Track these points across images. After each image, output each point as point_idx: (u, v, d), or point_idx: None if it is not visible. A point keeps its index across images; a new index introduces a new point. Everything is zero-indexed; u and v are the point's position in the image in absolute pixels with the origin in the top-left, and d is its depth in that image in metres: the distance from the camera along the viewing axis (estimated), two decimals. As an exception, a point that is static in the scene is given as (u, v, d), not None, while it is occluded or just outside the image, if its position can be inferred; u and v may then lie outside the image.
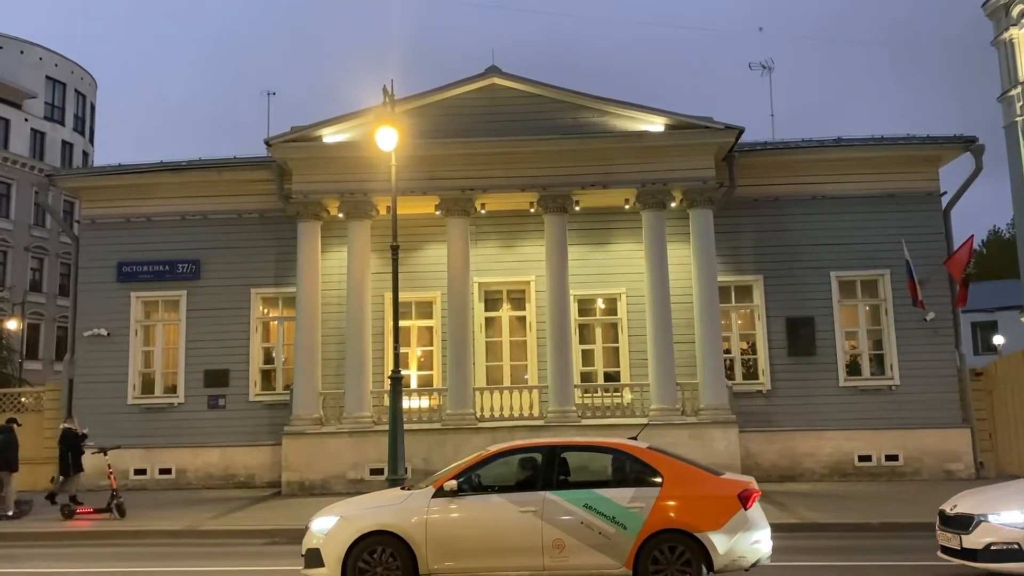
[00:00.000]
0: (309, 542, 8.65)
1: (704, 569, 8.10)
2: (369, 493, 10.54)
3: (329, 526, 8.62)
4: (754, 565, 8.39)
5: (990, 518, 8.62)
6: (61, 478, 16.41)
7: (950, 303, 19.14)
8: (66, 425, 16.89)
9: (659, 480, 8.42)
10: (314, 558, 8.54)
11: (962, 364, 19.11)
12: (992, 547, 8.49)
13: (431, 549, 8.33)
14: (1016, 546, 8.37)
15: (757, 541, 8.31)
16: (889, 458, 18.53)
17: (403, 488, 9.53)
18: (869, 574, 9.59)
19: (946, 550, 8.99)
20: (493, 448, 9.30)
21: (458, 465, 9.04)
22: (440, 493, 8.53)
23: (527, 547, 8.26)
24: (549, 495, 8.42)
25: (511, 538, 8.33)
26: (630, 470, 8.72)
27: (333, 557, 8.40)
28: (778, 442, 18.74)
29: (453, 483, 8.55)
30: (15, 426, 16.15)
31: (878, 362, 19.40)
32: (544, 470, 8.70)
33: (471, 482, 8.70)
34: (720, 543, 8.10)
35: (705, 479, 8.62)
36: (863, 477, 18.37)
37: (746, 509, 8.26)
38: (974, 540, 8.61)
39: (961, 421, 18.71)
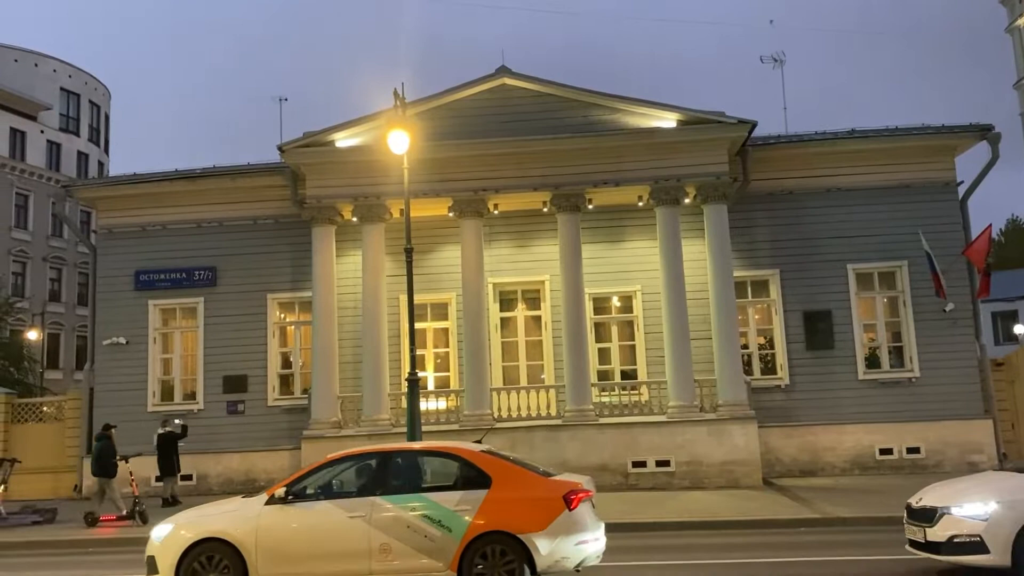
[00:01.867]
0: (148, 549, 8.83)
1: (527, 570, 8.20)
2: (216, 501, 10.69)
3: (164, 533, 8.82)
4: (580, 566, 8.51)
5: (953, 510, 8.58)
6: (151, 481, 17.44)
7: (969, 293, 18.98)
8: (165, 430, 17.24)
9: (487, 483, 8.54)
10: (151, 565, 8.73)
11: (983, 354, 18.94)
12: (955, 540, 8.44)
13: (261, 556, 8.46)
14: (978, 538, 8.31)
15: (583, 542, 8.40)
16: (911, 451, 18.40)
17: (244, 496, 9.64)
18: (904, 566, 9.51)
19: (913, 543, 8.97)
20: (330, 455, 9.46)
21: (294, 473, 9.26)
22: (272, 500, 8.69)
23: (354, 552, 8.37)
24: (377, 500, 8.57)
25: (338, 543, 8.45)
26: (461, 474, 8.84)
27: (167, 564, 8.57)
28: (798, 437, 18.64)
29: (282, 490, 8.72)
30: (112, 432, 16.38)
31: (897, 354, 19.24)
32: (376, 475, 8.91)
33: (303, 489, 8.85)
34: (543, 544, 8.20)
35: (533, 481, 8.71)
36: (885, 470, 18.24)
37: (571, 510, 8.35)
38: (937, 533, 8.58)
39: (983, 412, 18.53)
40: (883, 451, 18.42)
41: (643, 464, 17.56)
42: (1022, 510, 8.29)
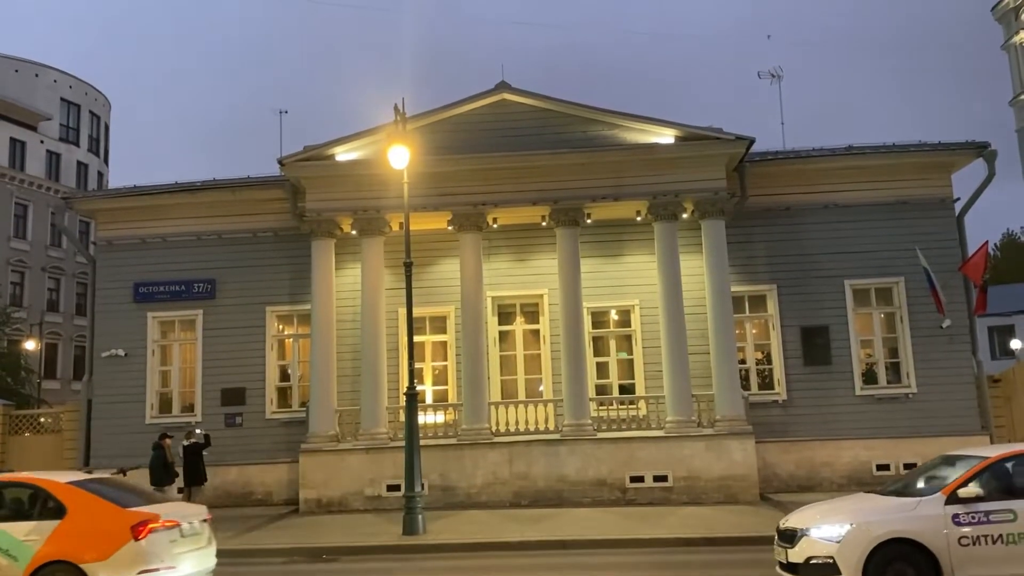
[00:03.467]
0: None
1: None
2: None
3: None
4: None
5: (811, 532, 8.79)
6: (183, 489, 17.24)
7: (966, 309, 19.04)
8: (190, 441, 17.31)
9: (63, 513, 8.95)
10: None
11: (980, 371, 18.98)
12: (811, 561, 8.65)
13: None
14: (831, 560, 8.52)
15: (150, 570, 8.76)
16: (908, 467, 18.34)
17: None
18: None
19: (781, 564, 9.14)
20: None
21: None
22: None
23: None
24: None
25: None
26: (40, 504, 9.19)
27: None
28: (795, 452, 18.66)
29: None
30: (167, 441, 16.37)
31: (894, 370, 19.29)
32: None
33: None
34: (102, 574, 8.60)
35: (107, 512, 9.07)
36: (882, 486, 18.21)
37: (136, 540, 8.73)
38: (797, 554, 8.77)
39: (980, 428, 18.56)
40: (880, 467, 18.43)
41: (641, 479, 17.57)
42: (873, 532, 8.55)
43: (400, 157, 15.15)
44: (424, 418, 17.81)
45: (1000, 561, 8.46)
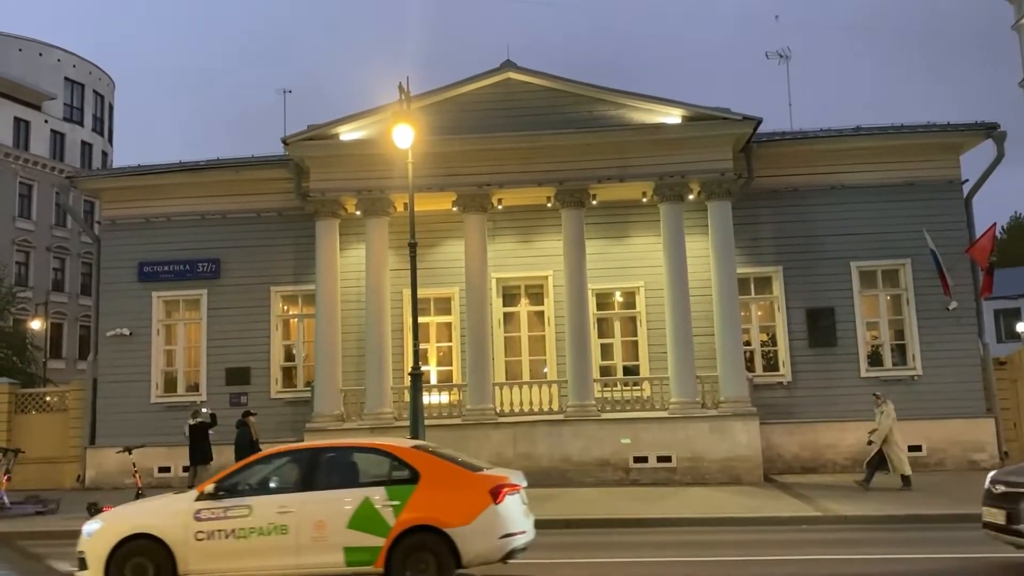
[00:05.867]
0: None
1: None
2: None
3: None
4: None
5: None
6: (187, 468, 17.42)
7: (972, 291, 18.97)
8: (196, 420, 17.37)
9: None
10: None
11: (985, 353, 18.93)
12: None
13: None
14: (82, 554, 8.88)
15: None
16: (912, 449, 18.29)
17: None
18: (903, 566, 9.52)
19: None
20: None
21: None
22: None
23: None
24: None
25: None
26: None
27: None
28: (800, 434, 18.66)
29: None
30: (251, 419, 16.47)
31: (900, 352, 19.25)
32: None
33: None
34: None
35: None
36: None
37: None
38: None
39: (985, 411, 18.54)
40: (885, 449, 18.38)
41: (645, 460, 17.59)
42: (117, 528, 8.89)
43: (404, 137, 15.06)
44: (429, 398, 17.83)
45: (230, 555, 8.60)
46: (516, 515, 8.66)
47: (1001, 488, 8.53)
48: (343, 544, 8.44)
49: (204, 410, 18.03)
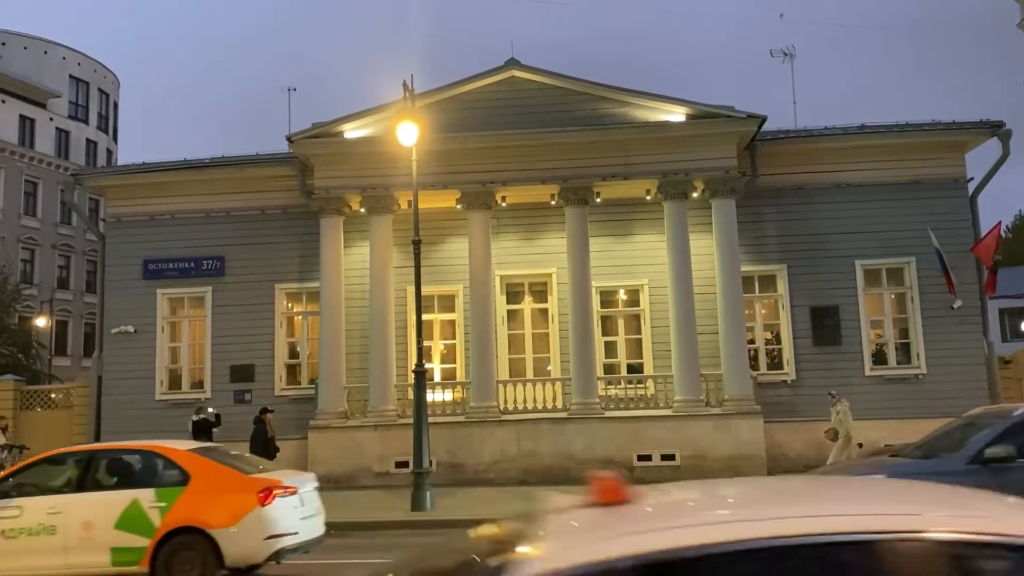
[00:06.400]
0: None
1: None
2: None
3: None
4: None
5: None
6: None
7: (977, 290, 18.93)
8: (198, 417, 17.41)
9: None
10: None
11: (990, 352, 18.90)
12: None
13: None
14: None
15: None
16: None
17: None
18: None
19: None
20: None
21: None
22: None
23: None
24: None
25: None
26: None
27: None
28: (804, 432, 18.62)
29: None
30: (268, 416, 16.38)
31: (904, 351, 19.22)
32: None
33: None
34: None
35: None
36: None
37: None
38: None
39: (989, 410, 18.49)
40: (889, 447, 18.37)
41: (648, 458, 17.60)
42: None
43: (409, 134, 15.09)
44: (432, 396, 17.86)
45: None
46: (286, 517, 8.88)
47: None
48: (110, 544, 8.60)
49: (210, 410, 18.14)
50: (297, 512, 9.07)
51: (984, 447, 8.12)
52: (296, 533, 8.92)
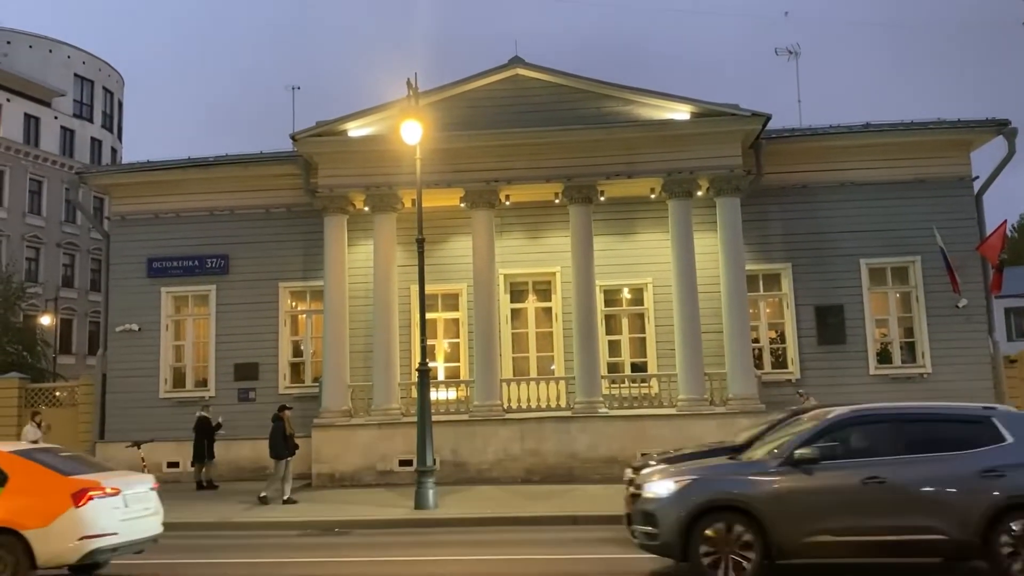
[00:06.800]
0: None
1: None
2: None
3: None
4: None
5: None
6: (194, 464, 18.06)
7: (983, 289, 18.87)
8: (201, 414, 17.50)
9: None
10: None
11: (996, 351, 18.84)
12: None
13: None
14: None
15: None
16: (921, 447, 18.29)
17: None
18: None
19: None
20: None
21: None
22: None
23: None
24: None
25: None
26: None
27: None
28: (808, 431, 18.56)
29: None
30: (286, 413, 16.51)
31: (909, 350, 19.17)
32: None
33: None
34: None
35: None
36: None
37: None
38: None
39: (995, 409, 18.43)
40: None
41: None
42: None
43: (413, 133, 15.06)
44: (436, 394, 17.85)
45: None
46: (103, 518, 8.97)
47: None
48: None
49: (217, 418, 18.25)
50: (118, 513, 9.20)
51: (794, 449, 8.59)
52: (115, 534, 9.08)
